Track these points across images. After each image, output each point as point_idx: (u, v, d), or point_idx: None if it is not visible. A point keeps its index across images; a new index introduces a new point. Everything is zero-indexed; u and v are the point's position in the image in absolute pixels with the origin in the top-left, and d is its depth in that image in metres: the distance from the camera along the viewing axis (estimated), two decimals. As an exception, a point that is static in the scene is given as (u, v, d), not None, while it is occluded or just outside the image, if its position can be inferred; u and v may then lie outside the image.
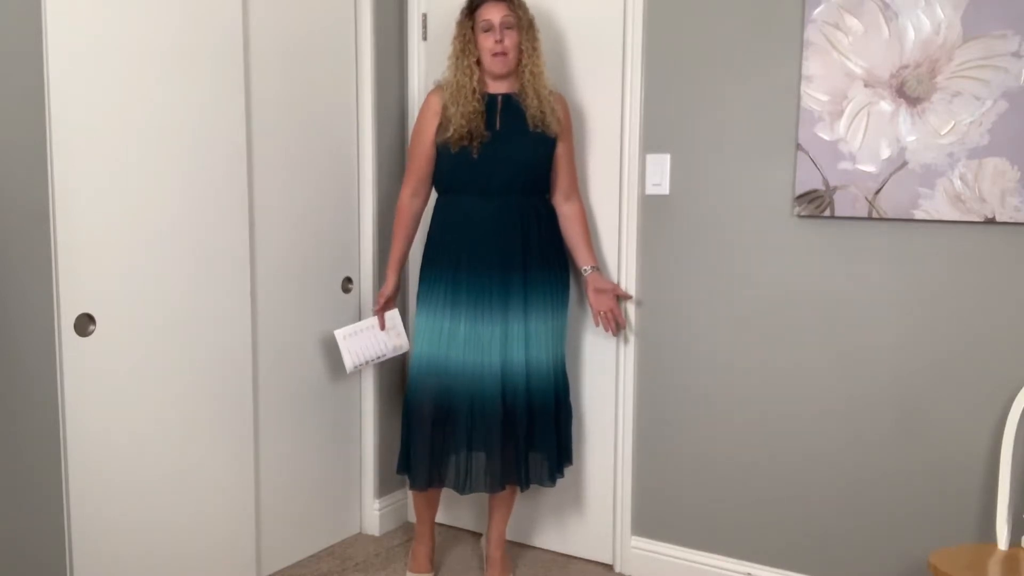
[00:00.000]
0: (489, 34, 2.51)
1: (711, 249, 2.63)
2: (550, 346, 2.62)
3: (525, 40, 2.54)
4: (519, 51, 2.54)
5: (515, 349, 2.56)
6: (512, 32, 2.51)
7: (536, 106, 2.53)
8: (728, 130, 2.57)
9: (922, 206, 2.28)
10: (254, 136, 2.58)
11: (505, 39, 2.50)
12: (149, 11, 2.24)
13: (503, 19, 2.50)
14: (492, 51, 2.50)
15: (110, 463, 2.24)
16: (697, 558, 2.74)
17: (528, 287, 2.56)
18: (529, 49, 2.54)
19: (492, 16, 2.50)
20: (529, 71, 2.53)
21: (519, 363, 2.56)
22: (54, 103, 2.04)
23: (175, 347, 2.38)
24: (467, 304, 2.54)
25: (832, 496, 2.50)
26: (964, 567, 2.03)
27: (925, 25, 2.24)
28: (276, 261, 2.71)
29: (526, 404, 2.58)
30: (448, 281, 2.56)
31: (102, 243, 2.18)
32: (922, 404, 2.36)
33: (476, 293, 2.53)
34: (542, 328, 2.60)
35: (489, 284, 2.53)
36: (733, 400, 2.64)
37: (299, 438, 2.86)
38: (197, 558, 2.50)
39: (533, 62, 2.54)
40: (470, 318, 2.55)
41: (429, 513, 2.81)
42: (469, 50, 2.53)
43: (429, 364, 2.59)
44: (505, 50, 2.50)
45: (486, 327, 2.54)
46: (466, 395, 2.55)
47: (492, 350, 2.54)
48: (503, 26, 2.50)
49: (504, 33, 2.50)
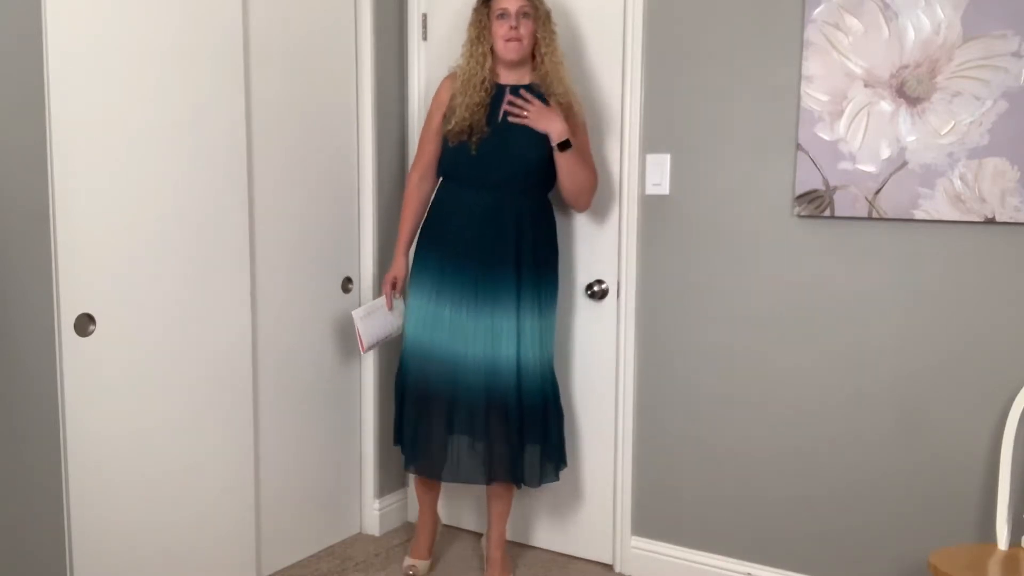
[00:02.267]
0: (504, 21, 2.51)
1: (711, 249, 2.63)
2: (538, 345, 2.61)
3: (542, 31, 2.55)
4: (534, 40, 2.54)
5: (505, 345, 2.56)
6: (528, 21, 2.52)
7: (562, 91, 2.52)
8: (728, 130, 2.57)
9: (922, 206, 2.28)
10: (254, 136, 2.58)
11: (520, 27, 2.50)
12: (149, 11, 2.24)
13: (520, 7, 2.50)
14: (506, 37, 2.50)
15: (110, 463, 2.24)
16: (697, 558, 2.74)
17: (521, 284, 2.56)
18: (546, 39, 2.54)
19: (508, 4, 2.50)
20: (549, 60, 2.53)
21: (509, 358, 2.56)
22: (54, 103, 2.04)
23: (175, 347, 2.38)
24: (451, 293, 2.58)
25: (832, 496, 2.50)
26: (964, 567, 2.03)
27: (925, 25, 2.24)
28: (276, 261, 2.71)
29: (517, 401, 2.57)
30: (436, 268, 2.60)
31: (102, 243, 2.18)
32: (922, 404, 2.36)
33: (460, 283, 2.56)
34: (534, 326, 2.59)
35: (474, 276, 2.55)
36: (733, 400, 2.64)
37: (299, 438, 2.86)
38: (197, 558, 2.50)
39: (551, 51, 2.54)
40: (454, 306, 2.57)
41: (427, 497, 2.86)
42: (484, 37, 2.54)
43: (415, 346, 2.64)
44: (519, 36, 2.50)
45: (471, 319, 2.56)
46: (446, 381, 2.59)
47: (477, 342, 2.56)
48: (519, 14, 2.50)
49: (520, 21, 2.51)
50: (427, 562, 2.87)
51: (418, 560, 2.86)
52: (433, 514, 2.90)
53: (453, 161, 2.59)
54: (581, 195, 2.62)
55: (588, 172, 2.60)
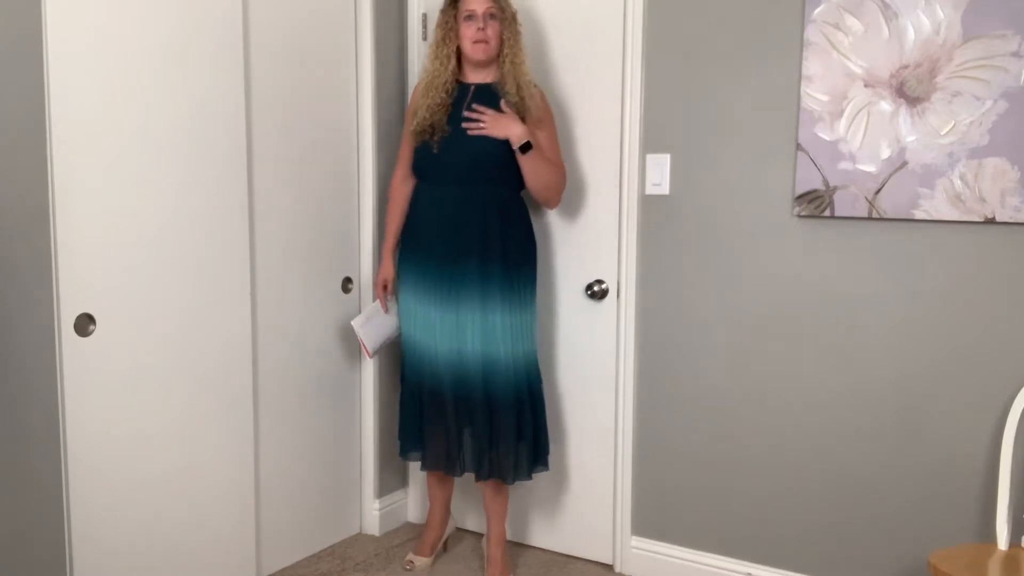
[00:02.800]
0: (471, 22, 2.55)
1: (711, 249, 2.63)
2: (510, 340, 2.60)
3: (507, 32, 2.58)
4: (500, 41, 2.58)
5: (470, 339, 2.58)
6: (495, 22, 2.57)
7: (514, 92, 2.56)
8: (728, 130, 2.57)
9: (922, 206, 2.28)
10: (254, 136, 2.58)
11: (488, 28, 2.55)
12: (149, 10, 2.24)
13: (487, 9, 2.55)
14: (473, 39, 2.55)
15: (110, 463, 2.24)
16: (697, 558, 2.74)
17: (487, 279, 2.57)
18: (511, 41, 2.58)
19: (476, 7, 2.55)
20: (510, 61, 2.58)
21: (474, 353, 2.58)
22: (54, 103, 2.04)
23: (175, 347, 2.38)
24: (427, 289, 2.64)
25: (832, 496, 2.50)
26: (964, 567, 2.03)
27: (925, 25, 2.24)
28: (276, 261, 2.71)
29: (484, 397, 2.59)
30: (415, 266, 2.67)
31: (102, 243, 2.18)
32: (922, 404, 2.36)
33: (433, 279, 2.62)
34: (504, 321, 2.59)
35: (442, 272, 2.60)
36: (733, 400, 2.64)
37: (299, 438, 2.86)
38: (197, 558, 2.50)
39: (515, 53, 2.58)
40: (425, 302, 2.64)
41: (436, 492, 2.90)
42: (450, 39, 2.59)
43: (408, 343, 2.73)
44: (487, 38, 2.55)
45: (440, 313, 2.61)
46: (425, 375, 2.67)
47: (445, 337, 2.61)
48: (486, 15, 2.55)
49: (487, 23, 2.55)
50: (427, 559, 2.89)
51: (418, 556, 2.89)
52: (439, 512, 2.92)
53: (419, 160, 2.67)
54: (548, 193, 2.64)
55: (552, 171, 2.62)
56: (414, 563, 2.87)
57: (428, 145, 2.60)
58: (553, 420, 2.93)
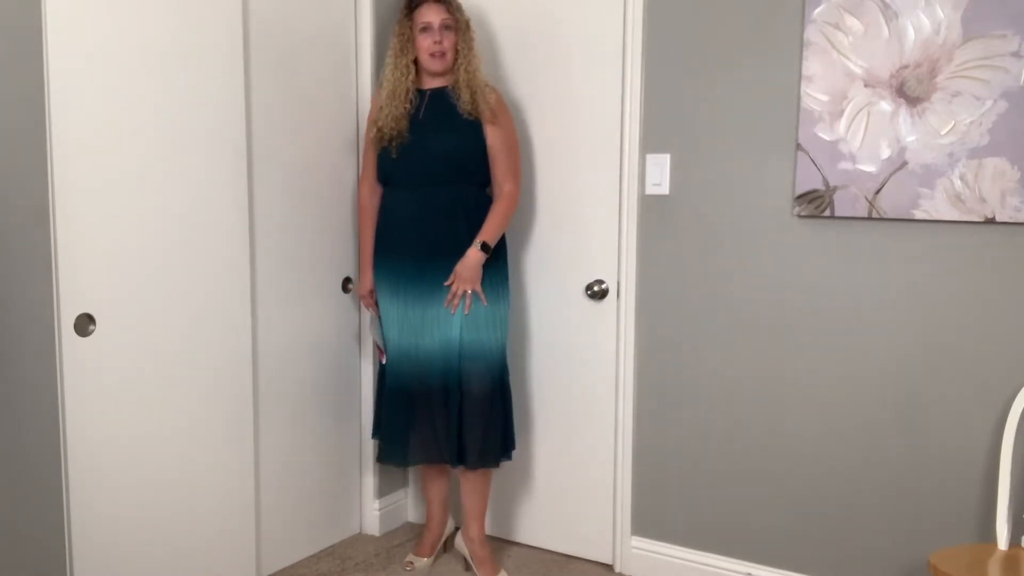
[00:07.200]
0: (427, 34, 2.60)
1: (711, 249, 2.63)
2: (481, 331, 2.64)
3: (462, 41, 2.65)
4: (455, 51, 2.63)
5: (446, 330, 2.64)
6: (450, 33, 2.62)
7: (468, 98, 2.61)
8: (728, 130, 2.57)
9: (922, 206, 2.28)
10: (254, 136, 2.58)
11: (444, 40, 2.60)
12: (149, 10, 2.24)
13: (442, 21, 2.60)
14: (430, 51, 2.61)
15: (110, 463, 2.24)
16: (697, 558, 2.74)
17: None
18: (465, 49, 2.65)
19: (431, 18, 2.60)
20: (464, 69, 2.63)
21: (451, 345, 2.63)
22: (54, 103, 2.04)
23: (175, 347, 2.38)
24: (402, 287, 2.68)
25: (832, 496, 2.50)
26: (964, 567, 2.03)
27: (925, 25, 2.24)
28: (276, 261, 2.71)
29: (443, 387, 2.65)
30: (390, 269, 2.72)
31: (102, 243, 2.18)
32: (922, 404, 2.36)
33: (407, 280, 2.67)
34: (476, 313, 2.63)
35: (414, 271, 2.66)
36: (733, 400, 2.64)
37: (299, 438, 2.86)
38: (197, 558, 2.50)
39: (468, 60, 2.64)
40: (401, 302, 2.69)
41: (431, 491, 2.92)
42: (407, 49, 2.64)
43: (392, 345, 2.74)
44: (444, 51, 2.61)
45: (415, 310, 2.67)
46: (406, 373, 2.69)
47: (422, 332, 2.66)
48: (442, 27, 2.60)
49: (443, 34, 2.60)
50: (427, 560, 2.89)
51: (418, 556, 2.91)
52: (437, 512, 2.93)
53: (382, 166, 2.72)
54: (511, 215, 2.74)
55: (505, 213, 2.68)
56: (414, 564, 2.88)
57: (387, 150, 2.66)
58: (553, 420, 2.94)
